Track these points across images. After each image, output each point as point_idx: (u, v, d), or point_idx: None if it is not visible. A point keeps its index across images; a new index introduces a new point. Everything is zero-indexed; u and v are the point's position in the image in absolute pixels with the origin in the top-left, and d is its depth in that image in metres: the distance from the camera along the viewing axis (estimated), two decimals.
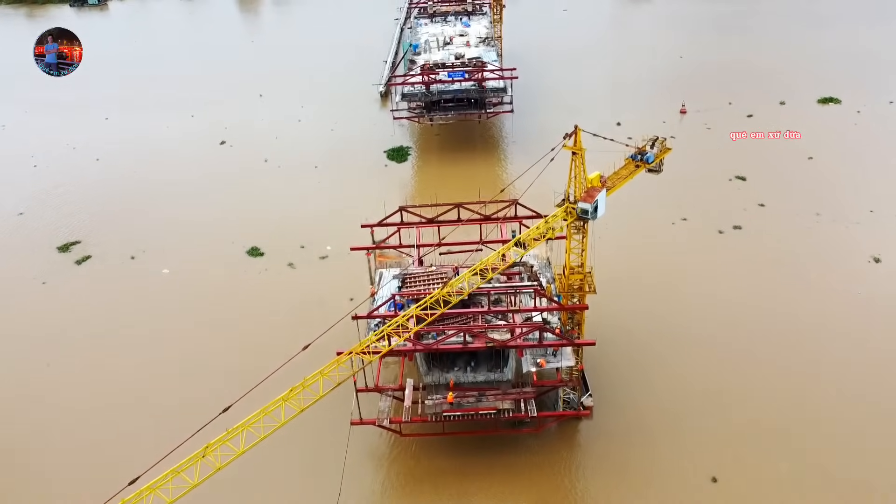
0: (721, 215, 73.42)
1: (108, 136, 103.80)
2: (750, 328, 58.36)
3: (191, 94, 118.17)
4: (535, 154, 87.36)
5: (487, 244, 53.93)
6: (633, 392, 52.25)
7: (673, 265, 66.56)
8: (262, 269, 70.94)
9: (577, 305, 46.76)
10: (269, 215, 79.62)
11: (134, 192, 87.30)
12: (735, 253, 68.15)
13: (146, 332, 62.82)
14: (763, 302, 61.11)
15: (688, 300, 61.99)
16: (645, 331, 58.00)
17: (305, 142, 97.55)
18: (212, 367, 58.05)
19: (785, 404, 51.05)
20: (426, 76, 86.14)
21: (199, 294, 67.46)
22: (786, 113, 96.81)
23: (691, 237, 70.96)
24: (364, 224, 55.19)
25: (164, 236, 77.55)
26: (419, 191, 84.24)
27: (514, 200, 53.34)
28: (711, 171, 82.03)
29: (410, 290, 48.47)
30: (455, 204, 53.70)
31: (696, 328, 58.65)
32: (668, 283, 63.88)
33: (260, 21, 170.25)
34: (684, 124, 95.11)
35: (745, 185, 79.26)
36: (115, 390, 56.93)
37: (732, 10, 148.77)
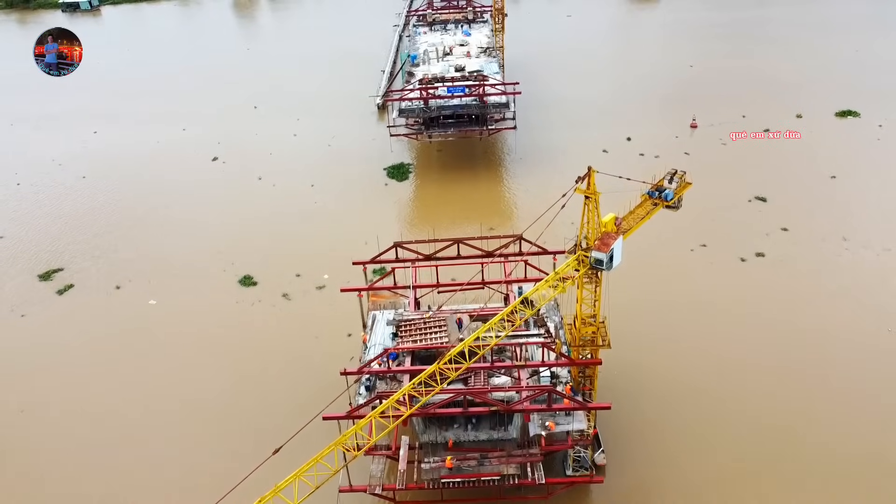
0: (742, 241, 68.93)
1: (95, 152, 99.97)
2: (779, 377, 53.34)
3: (183, 105, 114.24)
4: (540, 173, 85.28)
5: (489, 285, 49.80)
6: (648, 448, 48.11)
7: (692, 300, 61.79)
8: (254, 299, 66.87)
9: (589, 361, 42.73)
10: (263, 240, 75.53)
11: (121, 213, 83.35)
12: (760, 286, 63.25)
13: (129, 374, 58.77)
14: (792, 349, 55.85)
15: (709, 343, 57.00)
16: (662, 379, 53.41)
17: (301, 158, 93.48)
18: (198, 414, 54.14)
19: (815, 463, 46.88)
20: (424, 91, 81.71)
21: (188, 329, 63.36)
22: (803, 127, 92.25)
23: (712, 266, 66.21)
24: (356, 261, 51.18)
25: (151, 263, 73.51)
26: (421, 213, 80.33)
27: (518, 236, 49.25)
28: (729, 190, 77.63)
29: (405, 341, 44.36)
30: (454, 240, 49.58)
31: (718, 377, 53.68)
32: (687, 322, 59.21)
33: (256, 27, 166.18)
34: (697, 139, 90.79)
35: (765, 207, 74.82)
36: (94, 436, 53.15)
37: (742, 17, 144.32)
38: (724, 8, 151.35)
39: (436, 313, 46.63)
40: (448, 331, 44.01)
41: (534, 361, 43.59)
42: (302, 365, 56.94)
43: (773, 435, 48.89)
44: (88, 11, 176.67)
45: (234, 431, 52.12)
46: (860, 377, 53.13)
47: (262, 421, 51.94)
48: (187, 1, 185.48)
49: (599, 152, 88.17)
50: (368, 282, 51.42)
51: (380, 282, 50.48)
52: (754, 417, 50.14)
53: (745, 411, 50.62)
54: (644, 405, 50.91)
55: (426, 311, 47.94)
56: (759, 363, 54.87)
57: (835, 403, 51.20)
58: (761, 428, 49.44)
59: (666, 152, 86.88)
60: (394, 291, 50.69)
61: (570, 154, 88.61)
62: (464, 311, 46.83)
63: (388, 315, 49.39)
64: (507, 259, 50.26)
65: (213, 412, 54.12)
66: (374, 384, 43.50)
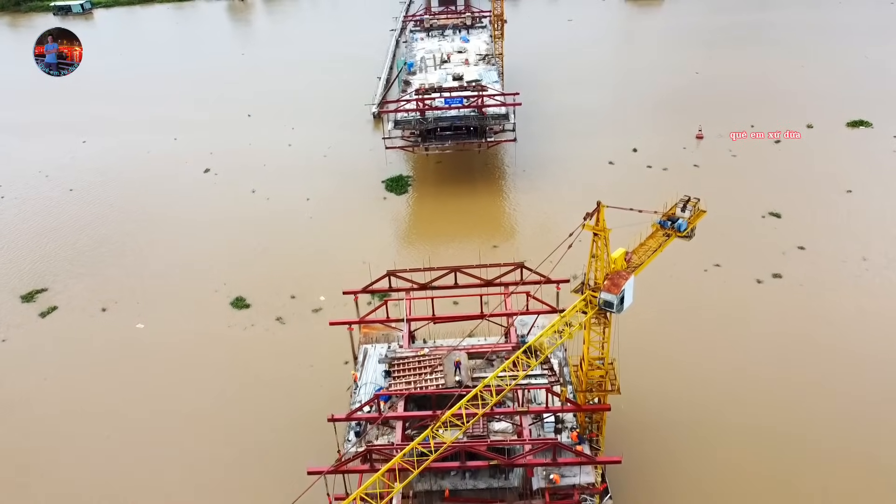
0: (758, 260, 65.45)
1: (84, 163, 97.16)
2: (800, 416, 49.18)
3: (175, 112, 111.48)
4: (544, 186, 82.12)
5: (489, 318, 46.75)
6: (660, 496, 45.05)
7: (707, 327, 57.97)
8: (247, 323, 63.66)
9: (597, 407, 39.75)
10: (257, 258, 72.42)
11: (109, 228, 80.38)
12: (779, 310, 59.31)
13: (112, 408, 55.51)
14: (818, 383, 51.62)
15: (728, 378, 52.77)
16: (676, 419, 49.72)
17: (296, 170, 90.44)
18: (185, 455, 50.92)
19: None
20: (420, 102, 78.48)
21: (176, 356, 60.17)
22: (814, 138, 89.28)
23: (727, 289, 62.33)
24: (346, 291, 48.19)
25: (139, 283, 70.48)
26: (420, 229, 77.30)
27: (519, 264, 46.14)
28: (742, 205, 74.33)
29: (398, 382, 41.36)
30: (451, 268, 46.56)
31: (738, 418, 49.44)
32: (702, 354, 55.14)
33: (251, 31, 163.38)
34: (706, 151, 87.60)
35: (780, 224, 71.39)
36: (72, 469, 50.13)
37: (746, 20, 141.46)
38: (727, 11, 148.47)
39: (432, 350, 43.63)
40: (444, 371, 41.06)
41: (537, 406, 40.50)
42: (296, 397, 53.91)
43: (801, 485, 45.27)
44: (80, 15, 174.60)
45: (220, 470, 49.20)
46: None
47: (251, 461, 49.09)
48: (182, 4, 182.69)
49: (605, 164, 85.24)
50: (360, 312, 48.28)
51: (372, 313, 47.32)
52: (778, 466, 46.52)
53: (766, 459, 47.00)
54: (655, 447, 47.69)
55: (421, 347, 44.90)
56: (786, 404, 50.35)
57: (872, 446, 47.39)
58: (786, 477, 45.70)
59: (674, 164, 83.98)
60: (387, 325, 47.60)
61: (574, 166, 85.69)
62: (461, 347, 43.82)
63: (380, 349, 46.38)
64: (507, 290, 47.14)
65: (201, 452, 51.05)
66: (365, 428, 40.55)
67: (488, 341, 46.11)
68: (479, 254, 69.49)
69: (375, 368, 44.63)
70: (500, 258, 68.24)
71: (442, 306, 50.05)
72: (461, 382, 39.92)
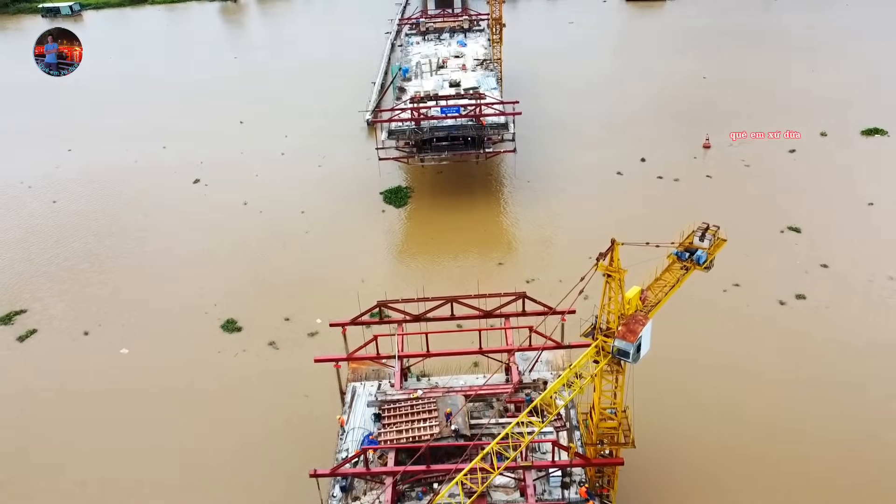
0: (779, 280, 61.45)
1: (68, 172, 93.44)
2: (845, 473, 44.06)
3: (164, 119, 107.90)
4: (549, 199, 78.11)
5: (488, 354, 42.96)
6: None
7: (729, 356, 53.48)
8: (238, 349, 59.74)
9: (609, 460, 36.16)
10: (249, 276, 68.57)
11: (92, 244, 76.63)
12: (804, 337, 54.76)
13: (92, 443, 51.74)
14: (875, 437, 46.44)
15: (753, 417, 47.93)
16: (696, 469, 45.27)
17: (290, 180, 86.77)
18: (168, 495, 47.30)
19: None
20: (415, 111, 74.66)
21: (161, 386, 56.24)
22: (829, 146, 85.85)
23: (748, 312, 57.93)
24: (333, 322, 44.54)
25: (124, 303, 66.62)
26: (419, 245, 73.25)
27: (521, 294, 42.47)
28: (759, 219, 70.65)
29: (389, 429, 37.53)
30: (447, 298, 42.91)
31: (769, 468, 45.10)
32: (724, 387, 50.79)
33: (244, 33, 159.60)
34: (718, 160, 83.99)
35: (801, 239, 67.54)
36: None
37: (753, 23, 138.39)
38: (731, 13, 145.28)
39: (426, 392, 39.92)
40: (439, 418, 37.35)
41: (541, 457, 36.63)
42: (288, 434, 50.23)
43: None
44: (69, 17, 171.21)
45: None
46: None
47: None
48: (174, 5, 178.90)
49: (613, 175, 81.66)
50: (355, 340, 44.34)
51: (362, 349, 43.25)
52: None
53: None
54: (672, 495, 43.93)
55: (414, 388, 41.07)
56: (819, 445, 45.63)
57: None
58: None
59: (685, 174, 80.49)
60: (377, 361, 43.66)
61: (580, 177, 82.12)
62: (457, 389, 40.17)
63: (370, 388, 42.51)
64: (508, 323, 43.37)
65: (186, 494, 47.36)
66: (352, 483, 36.71)
67: (488, 378, 42.45)
68: (484, 272, 66.47)
69: (364, 412, 40.73)
70: (506, 276, 65.27)
71: (438, 337, 46.20)
72: (458, 431, 36.31)
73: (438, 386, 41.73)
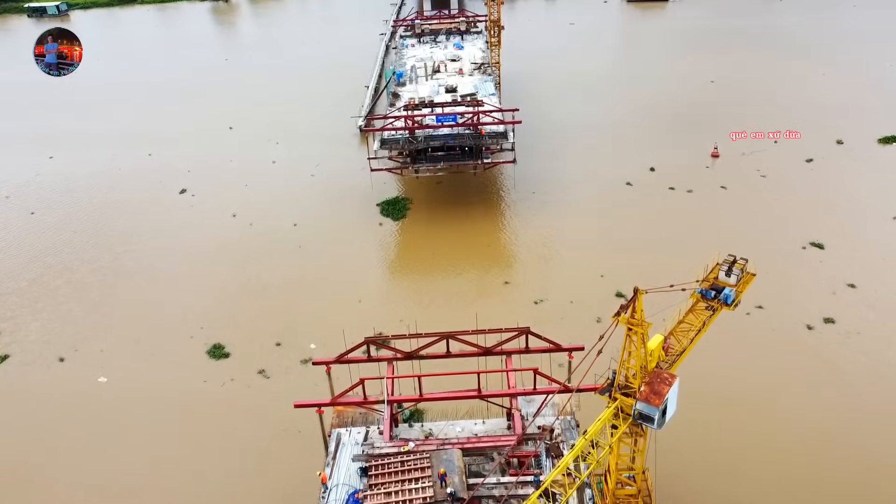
0: (805, 301, 57.29)
1: (49, 181, 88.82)
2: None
3: (151, 124, 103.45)
4: (556, 211, 73.68)
5: (488, 398, 38.55)
6: None
7: (756, 389, 49.11)
8: (226, 377, 55.12)
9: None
10: (239, 295, 64.06)
11: (71, 258, 72.08)
12: (836, 368, 50.49)
13: (67, 478, 47.34)
14: None
15: (786, 460, 43.76)
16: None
17: (281, 190, 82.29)
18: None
19: None
20: (409, 119, 70.25)
21: (142, 419, 51.77)
22: (846, 155, 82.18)
23: (774, 339, 53.61)
24: (317, 361, 40.09)
25: (104, 325, 62.07)
26: (421, 260, 68.96)
27: (524, 329, 38.10)
28: (779, 234, 66.76)
29: (376, 489, 33.14)
30: (442, 334, 38.60)
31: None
32: (753, 427, 46.27)
33: (235, 34, 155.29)
34: (732, 170, 79.99)
35: (825, 256, 63.45)
36: None
37: (757, 24, 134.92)
38: (734, 14, 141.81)
39: (419, 446, 35.50)
40: (432, 477, 33.11)
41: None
42: (278, 477, 45.91)
43: None
44: (56, 17, 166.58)
45: None
46: None
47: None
48: (164, 5, 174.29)
49: (622, 185, 77.67)
50: (348, 374, 39.98)
51: (348, 392, 38.75)
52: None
53: None
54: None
55: (405, 440, 36.47)
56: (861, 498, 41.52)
57: None
58: None
59: (699, 186, 76.61)
60: (366, 407, 39.21)
61: (587, 187, 78.09)
62: (454, 442, 35.86)
63: (356, 435, 37.84)
64: (510, 360, 39.00)
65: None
66: None
67: (487, 424, 38.11)
68: (489, 291, 62.31)
69: (349, 465, 36.06)
70: (512, 296, 61.06)
71: (431, 380, 41.88)
72: (454, 495, 32.08)
73: (433, 434, 37.37)
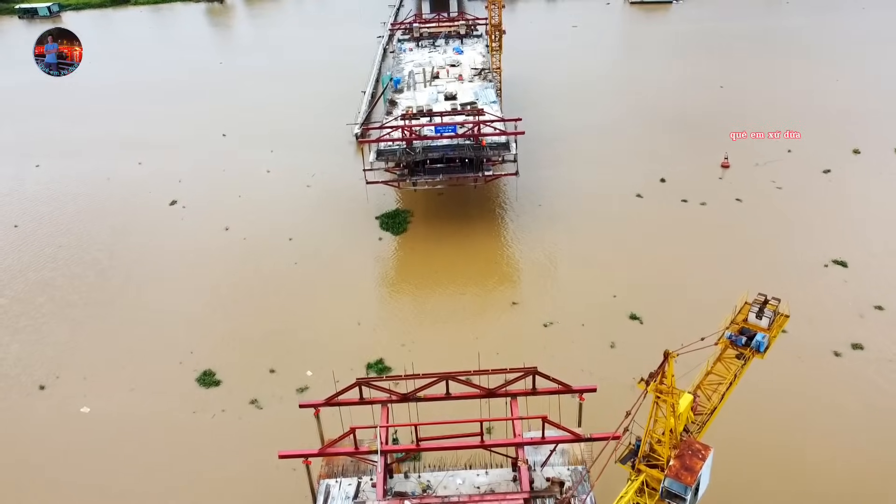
0: (831, 325, 53.95)
1: (34, 191, 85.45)
2: None
3: (142, 130, 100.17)
4: (565, 227, 69.40)
5: (492, 448, 35.04)
6: None
7: (785, 422, 45.69)
8: (216, 408, 51.46)
9: None
10: (231, 316, 60.51)
11: (54, 274, 68.64)
12: (869, 402, 47.12)
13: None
14: None
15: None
16: None
17: (276, 202, 78.81)
18: None
19: None
20: (406, 130, 66.81)
21: (125, 454, 48.25)
22: (864, 166, 78.97)
23: (801, 368, 49.91)
24: (303, 404, 36.55)
25: (87, 349, 58.48)
26: (423, 279, 65.17)
27: (531, 370, 34.70)
28: (799, 250, 63.52)
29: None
30: (441, 375, 35.17)
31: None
32: (776, 468, 43.51)
33: (231, 36, 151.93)
34: (745, 181, 76.70)
35: (849, 275, 59.98)
36: None
37: (763, 27, 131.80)
38: (738, 17, 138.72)
39: (417, 501, 32.15)
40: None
41: None
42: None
43: None
44: (48, 18, 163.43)
45: None
46: None
47: None
48: (158, 6, 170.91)
49: (632, 197, 74.41)
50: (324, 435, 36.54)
51: (338, 442, 35.24)
52: None
53: None
54: None
55: (400, 498, 32.98)
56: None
57: None
58: None
59: (712, 198, 73.40)
60: (358, 457, 35.68)
61: (595, 199, 74.77)
62: (454, 498, 32.42)
63: (347, 487, 34.33)
64: (516, 404, 35.59)
65: None
66: None
67: (491, 475, 34.67)
68: (497, 312, 58.93)
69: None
70: (521, 318, 57.59)
71: (430, 415, 38.48)
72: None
73: (430, 489, 33.90)
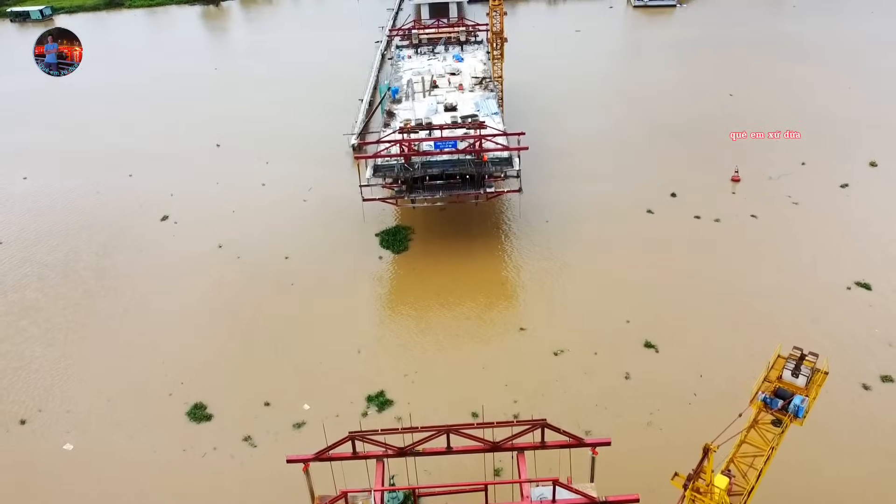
0: (857, 354, 50.92)
1: (20, 206, 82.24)
2: None
3: (134, 141, 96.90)
4: (575, 246, 66.46)
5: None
6: None
7: (816, 468, 42.67)
8: (207, 446, 48.33)
9: None
10: (224, 344, 57.31)
11: (38, 296, 65.59)
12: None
13: None
14: None
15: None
16: None
17: (271, 218, 75.72)
18: None
19: None
20: (404, 145, 63.85)
21: (110, 496, 45.49)
22: (883, 180, 76.09)
23: (828, 402, 44.27)
24: (291, 458, 33.43)
25: (71, 378, 55.40)
26: (426, 300, 61.92)
27: (540, 422, 31.81)
28: (820, 271, 60.57)
29: None
30: (441, 428, 32.27)
31: None
32: None
33: (227, 40, 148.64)
34: (759, 196, 73.66)
35: (873, 299, 56.82)
36: None
37: (770, 32, 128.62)
38: (744, 21, 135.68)
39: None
40: None
41: None
42: None
43: None
44: (40, 21, 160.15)
45: None
46: None
47: None
48: (153, 9, 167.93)
49: (643, 213, 71.53)
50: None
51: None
52: None
53: None
54: None
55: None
56: None
57: None
58: None
59: (726, 214, 70.49)
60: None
61: (604, 215, 71.78)
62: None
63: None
64: (523, 460, 32.54)
65: None
66: None
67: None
68: (505, 338, 56.05)
69: None
70: (529, 345, 54.50)
71: (430, 476, 35.63)
72: None
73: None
